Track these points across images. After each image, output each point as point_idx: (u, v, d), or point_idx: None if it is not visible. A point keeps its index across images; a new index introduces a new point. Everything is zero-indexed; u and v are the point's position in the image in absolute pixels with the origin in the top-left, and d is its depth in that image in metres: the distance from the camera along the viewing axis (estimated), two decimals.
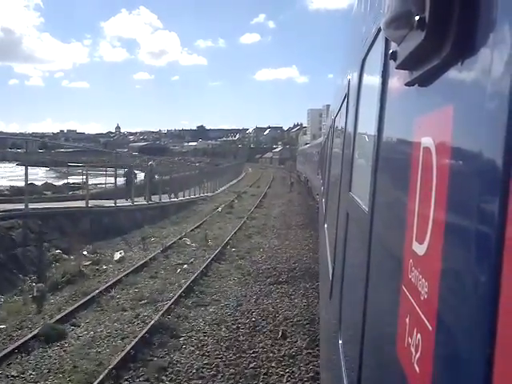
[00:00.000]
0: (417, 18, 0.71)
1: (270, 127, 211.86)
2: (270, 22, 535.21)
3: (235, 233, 16.57)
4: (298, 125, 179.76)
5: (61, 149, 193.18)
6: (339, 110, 4.42)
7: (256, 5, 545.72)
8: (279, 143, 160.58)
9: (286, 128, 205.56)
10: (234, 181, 50.91)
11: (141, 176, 25.92)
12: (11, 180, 29.21)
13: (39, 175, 43.92)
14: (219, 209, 23.07)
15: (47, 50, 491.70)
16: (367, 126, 1.82)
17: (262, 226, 18.51)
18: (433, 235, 0.77)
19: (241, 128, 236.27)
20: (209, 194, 32.61)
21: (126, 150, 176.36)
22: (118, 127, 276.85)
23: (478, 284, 0.58)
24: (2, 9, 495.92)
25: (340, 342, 2.19)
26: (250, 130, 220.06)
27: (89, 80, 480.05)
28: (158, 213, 20.50)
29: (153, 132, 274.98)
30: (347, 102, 3.16)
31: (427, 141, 0.83)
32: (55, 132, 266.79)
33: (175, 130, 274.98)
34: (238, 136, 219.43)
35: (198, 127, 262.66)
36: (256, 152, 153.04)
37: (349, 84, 3.13)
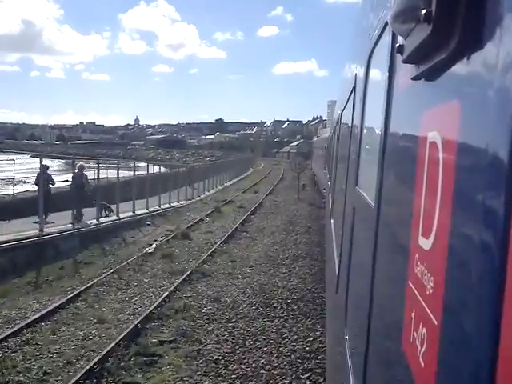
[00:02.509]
0: (423, 11, 0.70)
1: (288, 120, 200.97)
2: (288, 15, 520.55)
3: (123, 340, 6.45)
4: (317, 117, 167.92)
5: (77, 141, 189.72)
6: (346, 103, 4.39)
7: None
8: (298, 137, 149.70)
9: (305, 121, 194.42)
10: (233, 180, 40.80)
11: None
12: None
13: (51, 168, 34.97)
14: (152, 247, 12.77)
15: (67, 42, 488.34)
16: (374, 120, 1.85)
17: (206, 307, 8.32)
18: (438, 230, 0.77)
19: (259, 121, 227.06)
20: (178, 205, 22.59)
21: (142, 143, 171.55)
22: (136, 119, 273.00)
23: (484, 279, 0.58)
24: (23, 1, 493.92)
25: (346, 337, 2.18)
26: (268, 123, 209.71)
27: (109, 72, 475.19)
28: (29, 255, 10.63)
29: (171, 125, 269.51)
30: (354, 96, 3.12)
31: (434, 135, 0.83)
32: (74, 124, 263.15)
33: (194, 122, 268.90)
34: (255, 129, 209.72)
35: (216, 120, 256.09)
36: (273, 146, 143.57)
37: (355, 78, 3.09)
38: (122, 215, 16.86)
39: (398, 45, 1.01)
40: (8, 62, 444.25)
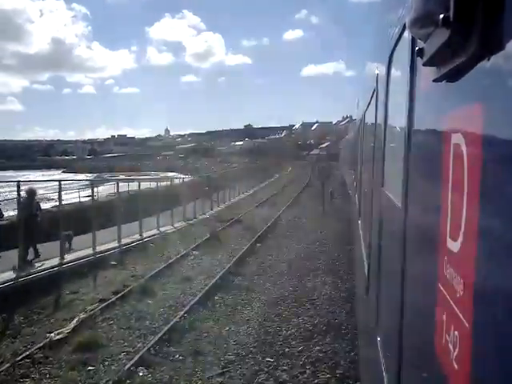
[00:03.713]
0: (441, 16, 0.70)
1: (317, 122, 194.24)
2: (313, 17, 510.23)
3: None
4: (347, 117, 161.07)
5: (107, 154, 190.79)
6: (368, 104, 4.33)
7: (297, 0, 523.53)
8: (327, 138, 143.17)
9: (335, 122, 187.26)
10: (254, 189, 35.87)
11: None
12: None
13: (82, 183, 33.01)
14: (70, 326, 7.74)
15: (97, 58, 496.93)
16: (397, 121, 1.84)
17: None
18: (466, 232, 0.77)
19: (287, 125, 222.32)
20: (170, 229, 17.83)
21: (172, 153, 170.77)
22: (167, 130, 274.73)
23: None
24: (52, 20, 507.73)
25: (378, 339, 2.17)
26: (297, 126, 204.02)
27: (138, 85, 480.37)
28: None
29: (201, 133, 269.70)
30: (376, 97, 3.14)
31: (458, 136, 0.83)
32: (106, 138, 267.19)
33: (223, 130, 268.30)
34: (284, 133, 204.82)
35: (245, 126, 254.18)
36: (303, 148, 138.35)
37: (377, 79, 3.10)
38: (75, 255, 12.33)
39: (417, 48, 1.00)
40: (40, 81, 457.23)
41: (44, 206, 16.46)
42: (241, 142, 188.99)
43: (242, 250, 13.33)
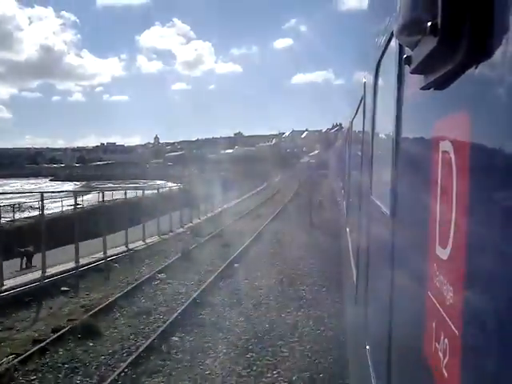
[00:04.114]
0: (429, 24, 0.70)
1: (307, 130, 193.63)
2: (302, 26, 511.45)
3: None
4: (337, 125, 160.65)
5: (97, 162, 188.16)
6: (356, 112, 4.34)
7: (286, 10, 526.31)
8: (317, 146, 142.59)
9: (324, 130, 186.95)
10: (240, 198, 34.21)
11: None
12: None
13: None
14: None
15: (86, 66, 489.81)
16: (385, 129, 1.86)
17: None
18: (455, 240, 0.77)
19: (277, 133, 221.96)
20: (141, 245, 16.06)
21: (161, 161, 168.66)
22: (156, 138, 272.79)
23: (503, 287, 0.57)
24: (42, 28, 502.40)
25: (367, 347, 2.15)
26: (287, 134, 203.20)
27: (128, 93, 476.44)
28: None
29: (191, 141, 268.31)
30: (364, 105, 3.13)
31: (446, 144, 0.83)
32: (95, 145, 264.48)
33: (213, 137, 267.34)
34: (274, 141, 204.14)
35: (235, 134, 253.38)
36: (292, 156, 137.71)
37: (364, 87, 3.09)
38: (18, 280, 10.57)
39: (405, 56, 1.00)
40: (29, 89, 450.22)
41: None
42: (231, 150, 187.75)
43: (215, 272, 11.67)
